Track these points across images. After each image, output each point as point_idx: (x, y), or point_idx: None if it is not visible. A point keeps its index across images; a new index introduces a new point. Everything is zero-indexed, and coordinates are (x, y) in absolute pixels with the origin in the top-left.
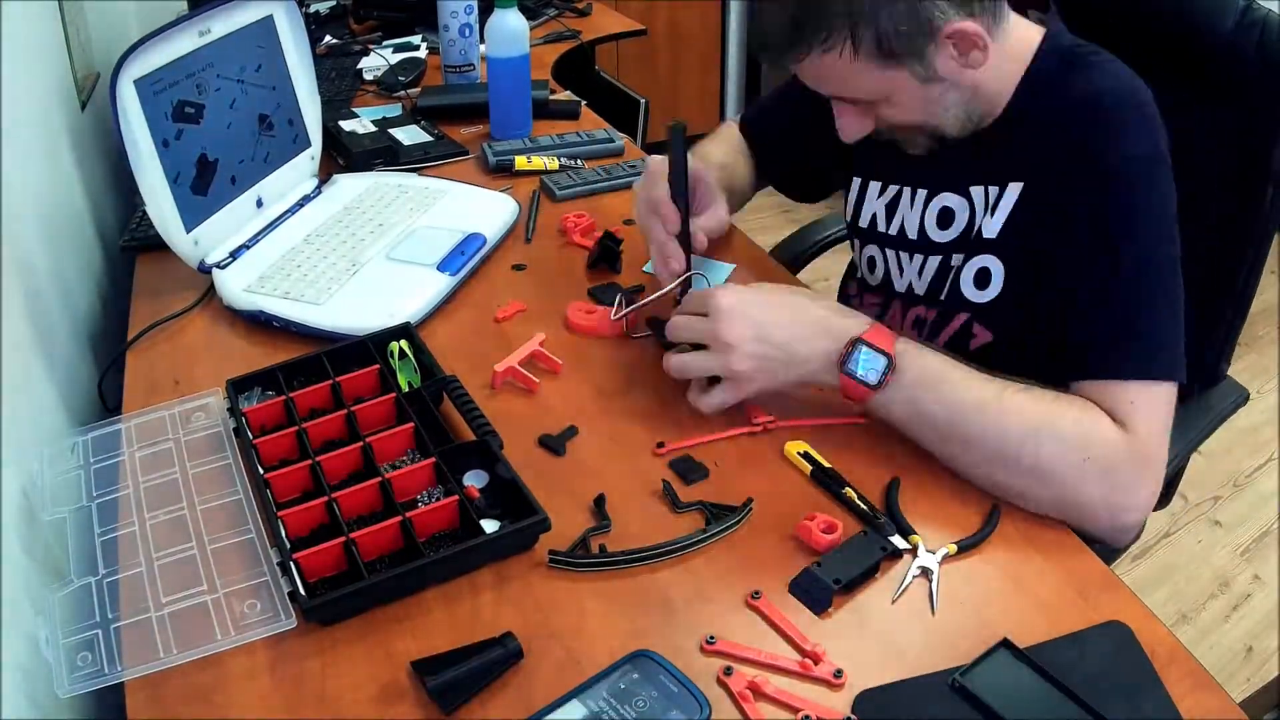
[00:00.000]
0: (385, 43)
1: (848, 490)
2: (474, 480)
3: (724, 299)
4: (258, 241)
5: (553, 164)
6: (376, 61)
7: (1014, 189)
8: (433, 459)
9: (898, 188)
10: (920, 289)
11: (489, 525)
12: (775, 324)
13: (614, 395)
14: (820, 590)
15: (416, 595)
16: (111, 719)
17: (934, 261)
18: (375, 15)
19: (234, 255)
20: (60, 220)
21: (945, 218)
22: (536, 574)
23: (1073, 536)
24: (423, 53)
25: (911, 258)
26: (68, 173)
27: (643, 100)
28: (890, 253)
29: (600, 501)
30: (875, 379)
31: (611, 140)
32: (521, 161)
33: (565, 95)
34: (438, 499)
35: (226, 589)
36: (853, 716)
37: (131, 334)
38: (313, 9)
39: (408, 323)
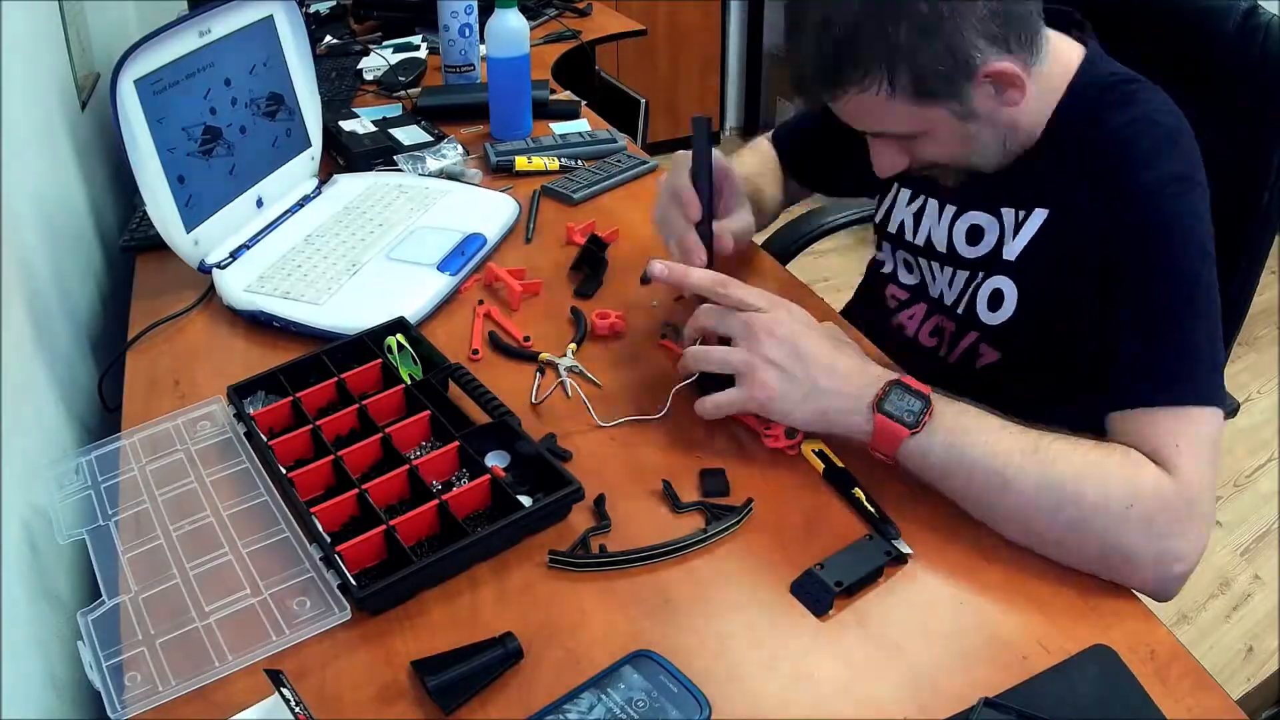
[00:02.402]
0: (385, 43)
1: (857, 491)
2: (496, 460)
3: (769, 298)
4: (258, 241)
5: (553, 164)
6: (376, 61)
7: (1039, 215)
8: (455, 443)
9: (924, 199)
10: (950, 299)
11: (523, 501)
12: (815, 346)
13: (616, 394)
14: (822, 592)
15: (417, 596)
16: (109, 718)
17: (963, 275)
18: (375, 15)
19: (234, 255)
20: (60, 220)
21: (974, 235)
22: (536, 574)
23: None
24: (423, 53)
25: (942, 268)
26: (68, 173)
27: (643, 100)
28: (923, 261)
29: (600, 501)
30: (913, 420)
31: (614, 140)
32: (522, 162)
33: (565, 95)
34: (464, 482)
35: (271, 589)
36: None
37: (131, 334)
38: (313, 9)
39: (401, 316)
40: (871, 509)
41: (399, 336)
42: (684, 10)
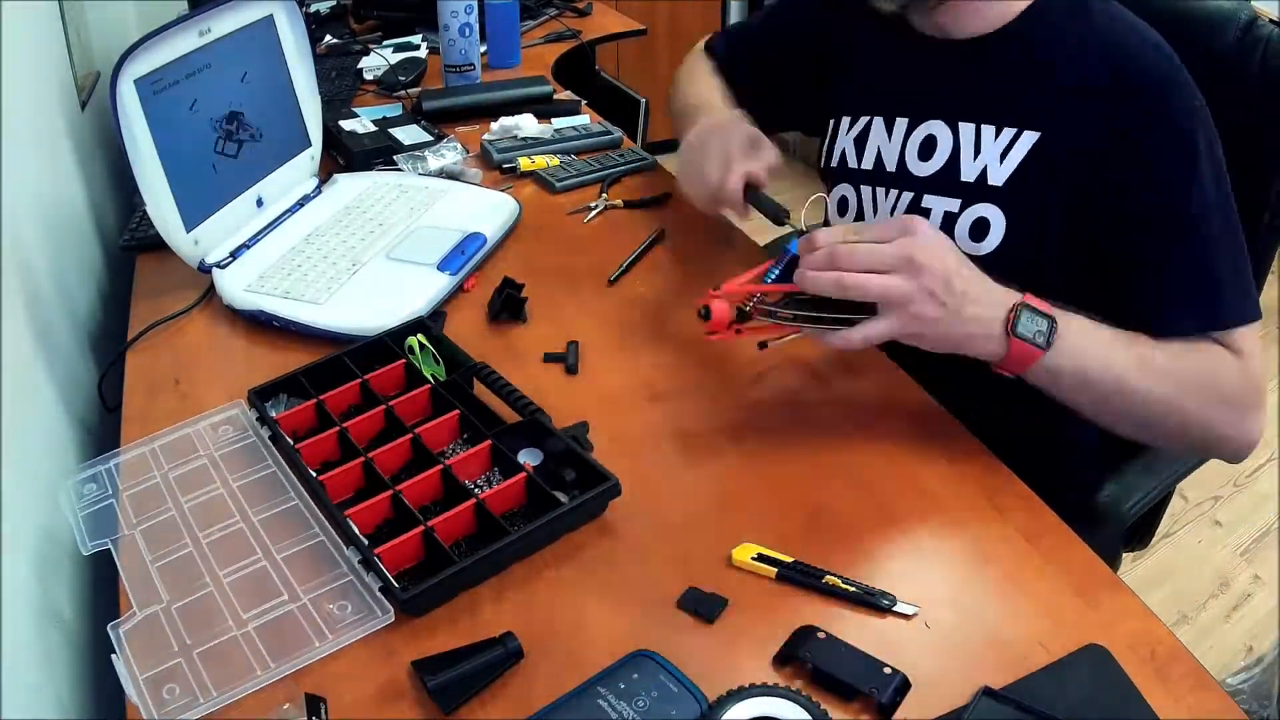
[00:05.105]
0: (385, 42)
1: (829, 579)
2: (528, 458)
3: (922, 224)
4: (258, 241)
5: (554, 161)
6: (376, 61)
7: (1029, 138)
8: (488, 442)
9: (867, 119)
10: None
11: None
12: (962, 273)
13: (627, 394)
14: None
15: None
16: (111, 718)
17: (907, 197)
18: (375, 15)
19: (234, 255)
20: (60, 220)
21: (927, 148)
22: (536, 574)
23: (1074, 536)
24: (423, 53)
25: (887, 193)
26: (68, 173)
27: (643, 100)
28: (864, 189)
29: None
30: (1044, 341)
31: (609, 133)
32: (525, 163)
33: (565, 95)
34: (497, 481)
35: (310, 594)
36: None
37: (131, 334)
38: (313, 9)
39: (421, 317)
40: (853, 588)
41: (420, 337)
42: (684, 10)
